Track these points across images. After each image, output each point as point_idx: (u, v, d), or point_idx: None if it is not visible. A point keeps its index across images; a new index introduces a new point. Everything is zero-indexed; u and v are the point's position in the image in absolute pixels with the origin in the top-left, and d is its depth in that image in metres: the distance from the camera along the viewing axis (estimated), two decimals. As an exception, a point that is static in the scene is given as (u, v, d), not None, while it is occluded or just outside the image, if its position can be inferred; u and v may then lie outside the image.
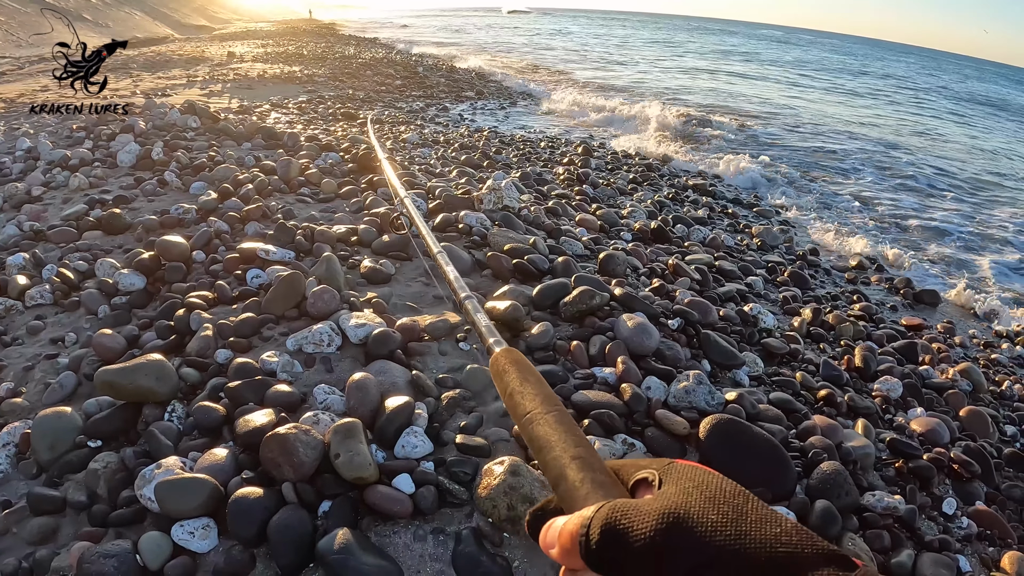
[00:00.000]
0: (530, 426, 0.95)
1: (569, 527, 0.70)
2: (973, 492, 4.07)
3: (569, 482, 0.79)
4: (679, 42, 69.15)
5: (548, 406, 0.97)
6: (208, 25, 49.38)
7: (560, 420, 0.93)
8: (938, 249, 11.18)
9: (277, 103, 14.81)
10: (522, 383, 1.07)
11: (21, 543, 2.84)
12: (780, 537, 0.58)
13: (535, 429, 0.93)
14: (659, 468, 0.73)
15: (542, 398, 1.00)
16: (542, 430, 0.92)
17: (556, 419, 0.93)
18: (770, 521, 0.60)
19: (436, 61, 30.93)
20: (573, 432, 0.90)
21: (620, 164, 13.12)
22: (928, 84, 51.55)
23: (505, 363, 1.16)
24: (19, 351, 4.27)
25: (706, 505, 0.63)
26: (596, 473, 0.79)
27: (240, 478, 2.90)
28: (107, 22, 33.35)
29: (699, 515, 0.61)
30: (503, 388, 1.12)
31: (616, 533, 0.64)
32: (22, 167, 7.71)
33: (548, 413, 0.95)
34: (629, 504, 0.66)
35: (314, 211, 6.39)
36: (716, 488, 0.65)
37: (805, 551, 0.56)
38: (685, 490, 0.66)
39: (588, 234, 7.06)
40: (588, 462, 0.81)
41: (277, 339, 4.06)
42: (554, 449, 0.87)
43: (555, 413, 0.95)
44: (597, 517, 0.67)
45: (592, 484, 0.77)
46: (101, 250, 5.52)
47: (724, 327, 5.19)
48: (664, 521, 0.62)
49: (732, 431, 3.48)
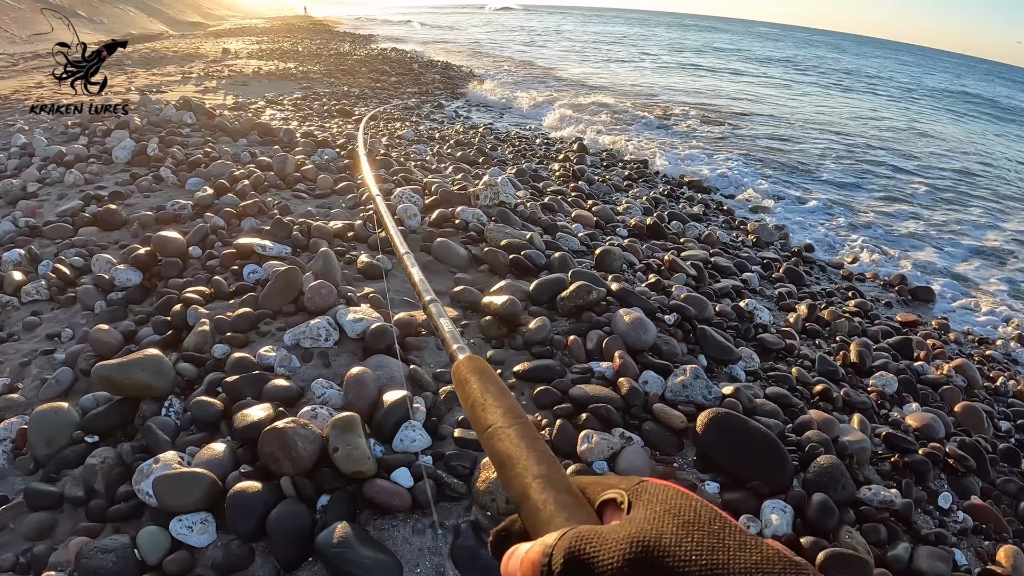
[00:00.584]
0: (491, 441, 0.92)
1: (531, 556, 0.66)
2: (968, 487, 4.08)
3: (532, 503, 0.76)
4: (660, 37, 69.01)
5: (510, 419, 0.94)
6: (203, 22, 49.25)
7: (522, 434, 0.90)
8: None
9: (272, 100, 14.78)
10: (483, 394, 1.04)
11: (19, 538, 2.84)
12: (760, 566, 0.54)
13: (496, 444, 0.90)
14: (628, 488, 0.69)
15: (504, 410, 0.97)
16: (503, 445, 0.89)
17: (518, 433, 0.90)
18: (749, 548, 0.56)
19: (431, 59, 30.88)
20: (536, 447, 0.87)
21: (615, 161, 13.12)
22: (908, 80, 51.60)
23: (467, 372, 1.13)
24: (15, 347, 4.26)
25: (679, 532, 0.59)
26: (560, 493, 0.75)
27: (238, 472, 2.90)
28: (101, 18, 33.26)
29: (671, 543, 0.58)
30: (464, 399, 1.09)
31: (580, 563, 0.61)
32: (17, 163, 7.71)
33: (510, 427, 0.92)
34: (594, 532, 0.63)
35: (310, 207, 6.39)
36: (691, 512, 0.62)
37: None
38: (656, 515, 0.62)
39: (584, 230, 7.07)
40: (551, 480, 0.78)
41: (274, 334, 4.06)
42: (516, 466, 0.83)
43: (517, 427, 0.92)
44: (559, 546, 0.63)
45: (556, 505, 0.73)
46: (97, 246, 5.51)
47: (720, 322, 5.20)
48: (632, 550, 0.58)
49: (730, 425, 3.49)
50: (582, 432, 3.35)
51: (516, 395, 3.58)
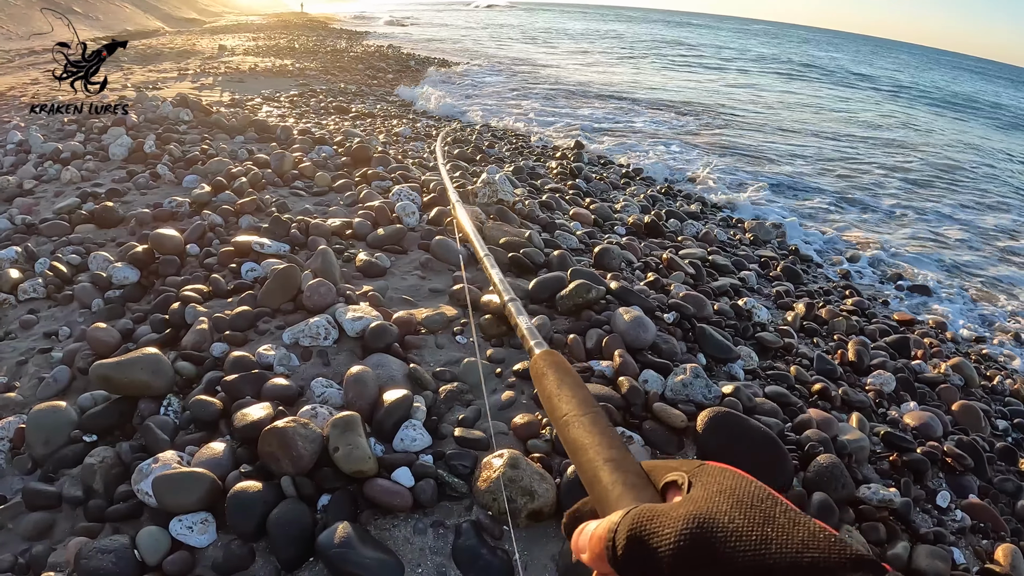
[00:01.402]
0: (566, 428, 0.96)
1: (598, 532, 0.69)
2: (966, 485, 4.09)
3: (602, 484, 0.79)
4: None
5: (584, 408, 0.97)
6: (199, 18, 49.22)
7: (595, 422, 0.93)
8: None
9: (269, 96, 14.76)
10: (559, 385, 1.08)
11: (16, 539, 2.83)
12: (807, 542, 0.56)
13: (570, 431, 0.94)
14: (688, 470, 0.72)
15: (578, 400, 1.01)
16: (577, 432, 0.92)
17: (591, 421, 0.93)
18: (798, 525, 0.58)
19: (428, 56, 30.87)
20: (607, 434, 0.90)
21: (611, 160, 13.12)
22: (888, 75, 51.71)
23: (544, 365, 1.17)
24: (12, 345, 4.25)
25: (733, 510, 0.61)
26: (629, 475, 0.79)
27: (238, 472, 2.89)
28: (97, 15, 33.20)
29: (725, 520, 0.60)
30: (541, 390, 1.13)
31: (642, 539, 0.64)
32: (13, 160, 7.69)
33: (584, 415, 0.95)
34: (656, 509, 0.66)
35: (308, 204, 6.38)
36: (744, 491, 0.64)
37: (832, 557, 0.55)
38: (712, 494, 0.65)
39: (582, 228, 7.07)
40: (621, 464, 0.81)
41: (273, 332, 4.05)
42: (588, 451, 0.87)
43: (590, 415, 0.95)
44: (624, 523, 0.66)
45: (624, 486, 0.77)
46: (94, 243, 5.49)
47: (719, 321, 5.19)
48: (689, 526, 0.61)
49: (730, 424, 3.48)
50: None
51: (516, 393, 3.59)
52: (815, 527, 0.57)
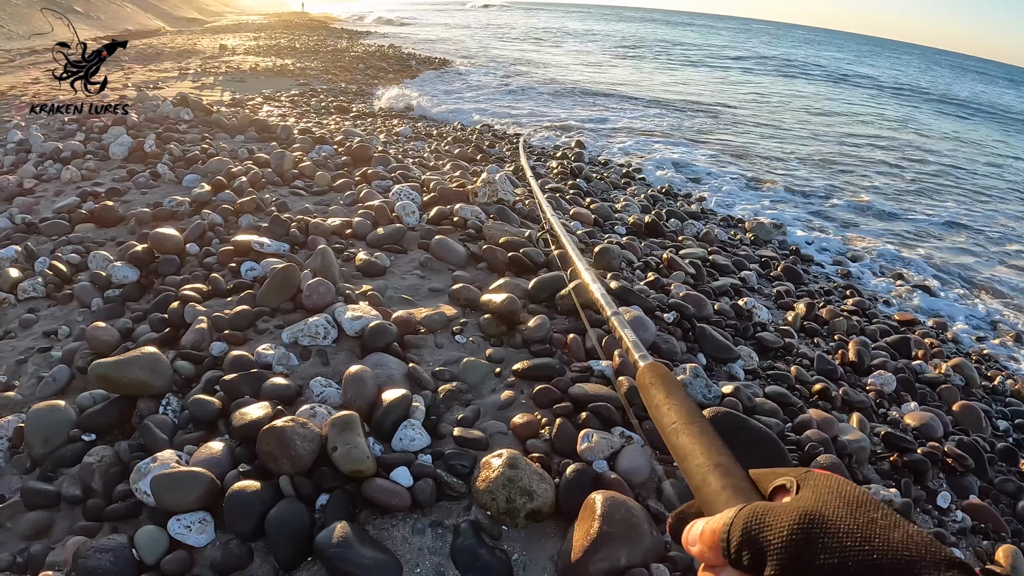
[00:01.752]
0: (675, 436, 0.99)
1: (713, 525, 0.74)
2: (967, 486, 4.09)
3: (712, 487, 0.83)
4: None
5: (691, 417, 1.02)
6: (199, 18, 49.24)
7: (703, 431, 0.97)
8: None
9: (269, 96, 14.77)
10: (668, 396, 1.12)
11: (15, 538, 2.83)
12: (905, 543, 0.61)
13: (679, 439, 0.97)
14: (797, 476, 0.77)
15: (686, 410, 1.05)
16: (685, 440, 0.96)
17: (699, 430, 0.97)
18: (897, 527, 0.63)
19: (429, 56, 30.87)
20: (715, 442, 0.93)
21: (611, 159, 13.12)
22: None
23: (651, 377, 1.22)
24: (11, 344, 4.25)
25: (840, 509, 0.66)
26: (737, 479, 0.84)
27: (237, 472, 2.89)
28: (98, 14, 33.21)
29: (832, 517, 0.65)
30: (649, 400, 1.17)
31: (756, 532, 0.68)
32: (13, 159, 7.69)
33: (692, 424, 0.99)
34: (769, 506, 0.70)
35: (308, 204, 6.38)
36: (850, 495, 0.68)
37: (926, 557, 0.59)
38: (821, 494, 0.69)
39: (583, 227, 7.07)
40: (730, 469, 0.85)
41: (272, 332, 4.05)
42: (697, 457, 0.91)
43: (698, 424, 0.99)
44: (740, 516, 0.71)
45: (733, 490, 0.83)
46: (94, 243, 5.49)
47: (719, 321, 5.20)
48: (800, 521, 0.65)
49: (730, 424, 3.48)
50: (582, 431, 3.34)
51: (516, 394, 3.59)
52: (913, 530, 0.62)
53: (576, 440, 3.32)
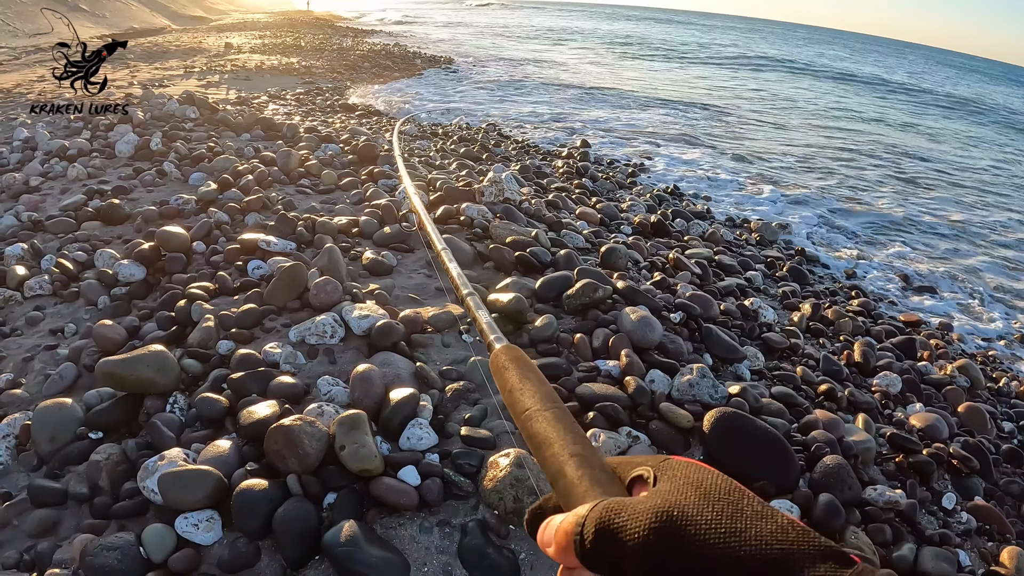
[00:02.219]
0: (529, 423, 0.95)
1: (564, 525, 0.69)
2: (972, 487, 4.09)
3: (567, 479, 0.79)
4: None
5: (547, 403, 0.97)
6: (205, 16, 49.24)
7: (559, 417, 0.92)
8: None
9: (275, 94, 14.79)
10: (522, 380, 1.07)
11: (22, 535, 2.83)
12: (775, 534, 0.56)
13: (534, 426, 0.93)
14: (654, 465, 0.72)
15: (541, 395, 1.00)
16: (541, 427, 0.91)
17: (555, 416, 0.92)
18: (765, 518, 0.58)
19: (435, 55, 30.86)
20: (572, 429, 0.89)
21: (617, 159, 13.10)
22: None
23: (505, 359, 1.16)
24: (18, 342, 4.25)
25: (701, 502, 0.61)
26: (594, 470, 0.78)
27: (244, 470, 2.89)
28: (104, 12, 33.19)
29: (693, 512, 0.60)
30: (503, 384, 1.12)
31: (610, 531, 0.63)
32: (19, 157, 7.70)
33: (547, 410, 0.94)
34: (623, 502, 0.65)
35: (314, 202, 6.39)
36: (711, 484, 0.64)
37: (800, 548, 0.55)
38: (680, 487, 0.65)
39: (589, 227, 7.07)
40: (586, 459, 0.80)
41: (279, 330, 4.05)
42: (553, 446, 0.86)
43: (554, 410, 0.94)
44: (591, 516, 0.66)
45: (590, 481, 0.76)
46: (100, 240, 5.49)
47: (725, 321, 5.20)
48: (658, 519, 0.61)
49: (736, 425, 3.48)
50: (589, 431, 3.34)
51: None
52: (783, 519, 0.58)
53: (583, 440, 3.32)
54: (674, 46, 51.33)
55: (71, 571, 2.58)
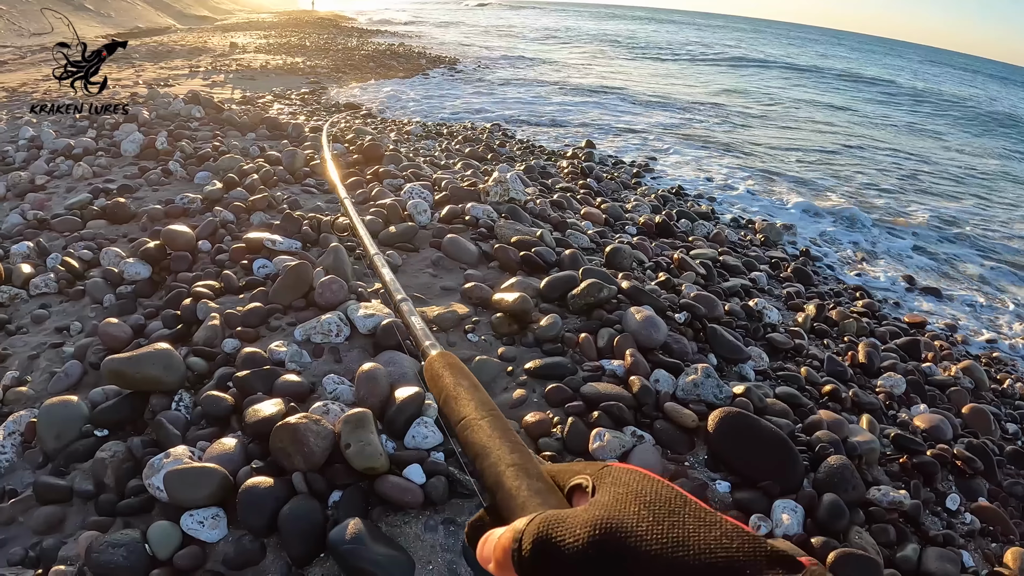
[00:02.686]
0: (465, 432, 0.93)
1: (502, 541, 0.68)
2: (976, 488, 4.08)
3: (505, 490, 0.77)
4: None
5: (483, 411, 0.95)
6: (210, 16, 49.35)
7: (495, 425, 0.90)
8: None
9: (280, 94, 14.82)
10: (456, 387, 1.05)
11: (27, 532, 2.84)
12: (720, 541, 0.55)
13: (470, 435, 0.91)
14: (593, 473, 0.70)
15: (477, 403, 0.98)
16: (477, 436, 0.90)
17: (491, 424, 0.91)
18: (709, 525, 0.57)
19: (439, 55, 30.87)
20: (508, 438, 0.87)
21: (621, 159, 13.10)
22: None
23: (440, 367, 1.14)
24: (24, 340, 4.26)
25: (641, 512, 0.60)
26: (532, 480, 0.76)
27: (250, 468, 2.90)
28: (109, 12, 33.25)
29: (633, 523, 0.59)
30: (438, 392, 1.10)
31: (548, 546, 0.62)
32: (25, 156, 7.72)
33: (483, 419, 0.93)
34: (561, 515, 0.64)
35: (320, 202, 6.40)
36: (652, 493, 0.62)
37: (746, 555, 0.53)
38: (619, 497, 0.63)
39: (593, 227, 7.07)
40: (524, 468, 0.79)
41: (285, 329, 4.06)
42: (490, 456, 0.84)
43: (490, 418, 0.92)
44: (529, 530, 0.65)
45: (529, 492, 0.74)
46: (106, 239, 5.51)
47: (729, 321, 5.19)
48: (597, 531, 0.59)
49: (741, 425, 3.49)
50: (594, 430, 3.35)
51: (527, 392, 3.59)
52: (728, 526, 0.57)
53: (588, 439, 3.33)
54: (680, 46, 51.23)
55: (76, 568, 2.58)
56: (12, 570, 2.64)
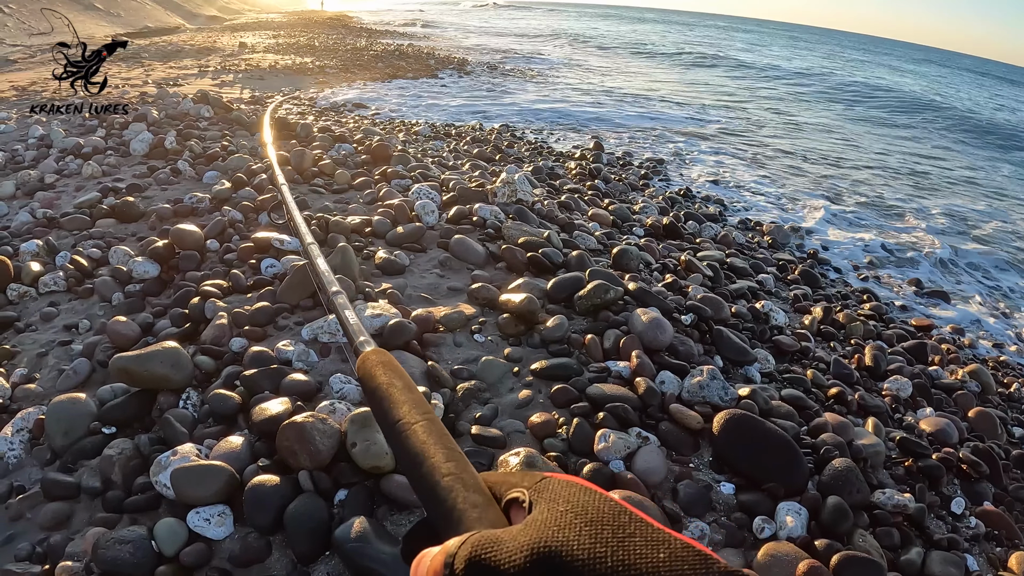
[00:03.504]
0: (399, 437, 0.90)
1: (434, 564, 0.65)
2: (981, 492, 4.07)
3: (440, 502, 0.75)
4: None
5: (417, 414, 0.92)
6: (219, 15, 49.36)
7: (430, 430, 0.88)
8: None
9: (289, 94, 14.82)
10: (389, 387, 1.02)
11: (35, 528, 2.85)
12: (668, 562, 0.52)
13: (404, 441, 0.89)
14: (531, 486, 0.68)
15: (411, 404, 0.95)
16: (411, 442, 0.87)
17: (425, 429, 0.88)
18: (657, 544, 0.54)
19: (447, 55, 30.87)
20: (444, 444, 0.85)
21: (630, 160, 13.07)
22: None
23: (374, 364, 1.12)
24: (32, 337, 4.28)
25: (583, 531, 0.57)
26: (469, 492, 0.74)
27: (256, 466, 2.91)
28: (118, 11, 33.28)
29: (574, 545, 0.56)
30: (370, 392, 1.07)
31: (481, 570, 0.59)
32: (35, 154, 7.74)
33: (416, 423, 0.90)
34: (496, 537, 0.61)
35: (328, 201, 6.40)
36: (594, 509, 0.60)
37: (697, 575, 0.51)
38: (558, 515, 0.61)
39: (601, 229, 7.07)
40: (461, 479, 0.76)
41: (292, 328, 4.07)
42: (424, 464, 0.81)
43: (424, 422, 0.90)
44: (461, 553, 0.62)
45: (465, 505, 0.72)
46: (114, 238, 5.52)
47: (736, 323, 5.18)
48: (534, 555, 0.57)
49: (746, 426, 3.49)
50: (599, 431, 3.35)
51: (533, 393, 3.60)
52: (678, 544, 0.54)
53: (593, 440, 3.34)
54: (692, 48, 51.14)
55: (83, 564, 2.59)
56: (19, 565, 2.65)
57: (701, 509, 3.19)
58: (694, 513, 3.16)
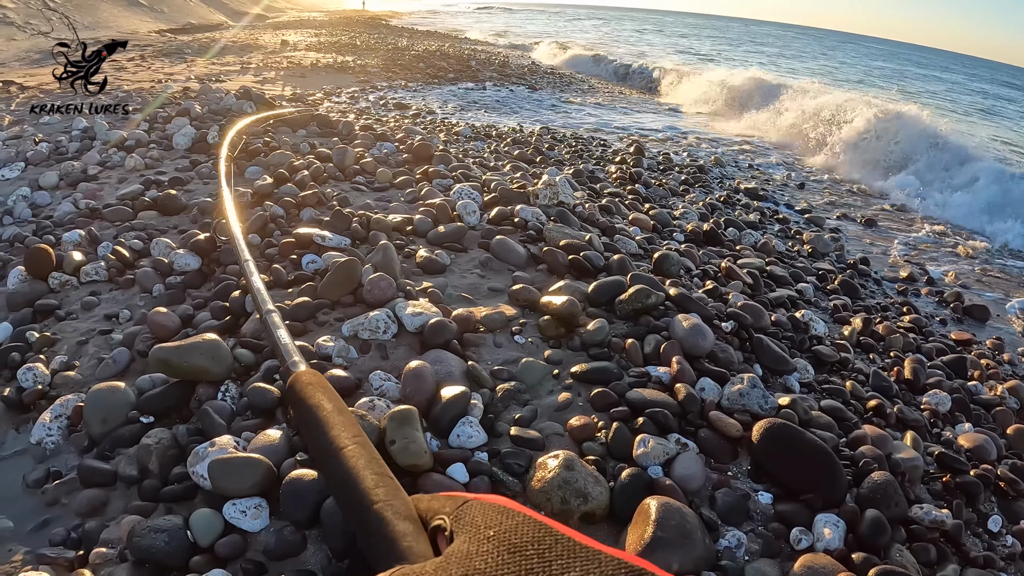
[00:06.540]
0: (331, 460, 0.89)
1: None
2: (1018, 511, 4.02)
3: (369, 530, 0.74)
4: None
5: (347, 438, 0.91)
6: (263, 14, 49.71)
7: (359, 454, 0.87)
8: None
9: (330, 92, 14.89)
10: (319, 409, 1.01)
11: (70, 514, 2.89)
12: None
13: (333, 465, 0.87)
14: (452, 512, 0.69)
15: (342, 426, 0.94)
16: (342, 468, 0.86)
17: (355, 453, 0.87)
18: (585, 563, 0.53)
19: (489, 56, 30.92)
20: (373, 468, 0.84)
21: (672, 165, 13.04)
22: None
23: (305, 384, 1.10)
24: (73, 325, 4.32)
25: (505, 560, 0.57)
26: (399, 520, 0.73)
27: (294, 460, 2.90)
28: (162, 7, 33.54)
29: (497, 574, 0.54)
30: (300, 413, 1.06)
31: None
32: (78, 146, 7.84)
33: (345, 448, 0.89)
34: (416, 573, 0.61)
35: (369, 199, 6.42)
36: (516, 534, 0.59)
37: None
38: (480, 544, 0.60)
39: (641, 233, 7.05)
40: (390, 505, 0.75)
41: (332, 324, 4.08)
42: (354, 490, 0.81)
43: (354, 446, 0.89)
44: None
45: (393, 535, 0.71)
46: (156, 230, 5.57)
47: (776, 332, 5.15)
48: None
49: (785, 436, 3.46)
50: (638, 436, 3.34)
51: (573, 396, 3.59)
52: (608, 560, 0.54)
53: (632, 445, 3.32)
54: (734, 53, 50.95)
55: (117, 551, 2.61)
56: (54, 550, 2.67)
57: (739, 518, 3.16)
58: (731, 522, 3.13)
